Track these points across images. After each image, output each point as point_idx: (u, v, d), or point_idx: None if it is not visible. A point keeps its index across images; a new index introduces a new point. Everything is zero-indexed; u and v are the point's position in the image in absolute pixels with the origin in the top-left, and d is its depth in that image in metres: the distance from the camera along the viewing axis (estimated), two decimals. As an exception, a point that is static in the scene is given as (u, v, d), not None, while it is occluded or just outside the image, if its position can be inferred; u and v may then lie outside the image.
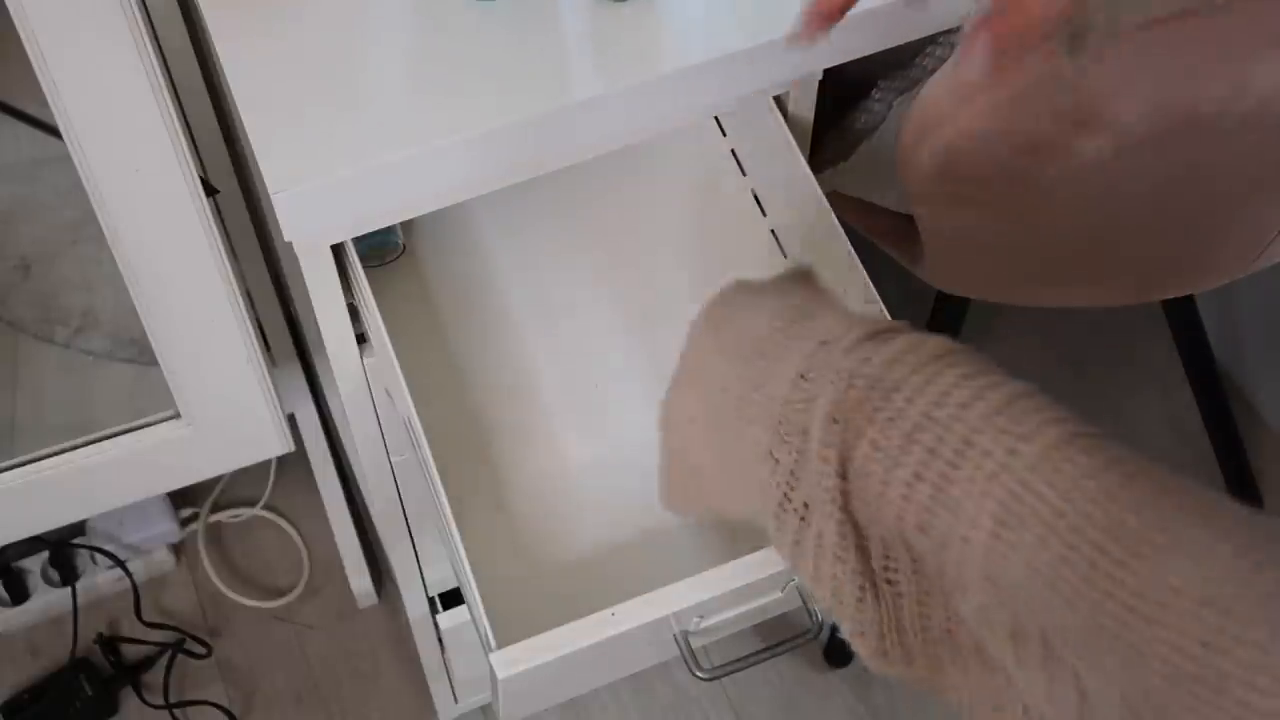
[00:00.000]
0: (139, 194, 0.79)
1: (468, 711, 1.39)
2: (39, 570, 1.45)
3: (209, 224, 0.83)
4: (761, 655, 0.86)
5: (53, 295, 1.12)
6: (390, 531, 1.09)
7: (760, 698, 1.46)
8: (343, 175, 0.75)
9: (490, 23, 0.81)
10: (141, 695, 1.43)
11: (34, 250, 1.14)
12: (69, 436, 0.97)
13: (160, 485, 1.06)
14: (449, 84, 0.79)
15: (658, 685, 1.46)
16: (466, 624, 1.12)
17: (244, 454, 1.01)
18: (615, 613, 0.77)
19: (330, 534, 1.49)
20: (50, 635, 1.47)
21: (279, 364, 1.31)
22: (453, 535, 0.79)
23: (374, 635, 1.49)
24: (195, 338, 0.90)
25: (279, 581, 1.52)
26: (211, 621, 1.50)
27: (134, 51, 0.72)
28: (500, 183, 0.82)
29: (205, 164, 1.09)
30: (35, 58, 0.71)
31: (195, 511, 1.53)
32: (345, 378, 0.90)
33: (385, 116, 0.78)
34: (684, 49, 0.81)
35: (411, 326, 0.96)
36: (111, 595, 1.48)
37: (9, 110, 1.08)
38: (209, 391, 0.94)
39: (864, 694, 1.47)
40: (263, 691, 1.46)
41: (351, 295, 0.86)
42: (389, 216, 0.82)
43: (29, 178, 1.16)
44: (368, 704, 1.45)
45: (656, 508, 0.88)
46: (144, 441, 0.97)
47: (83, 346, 1.10)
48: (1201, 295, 1.48)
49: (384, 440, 0.97)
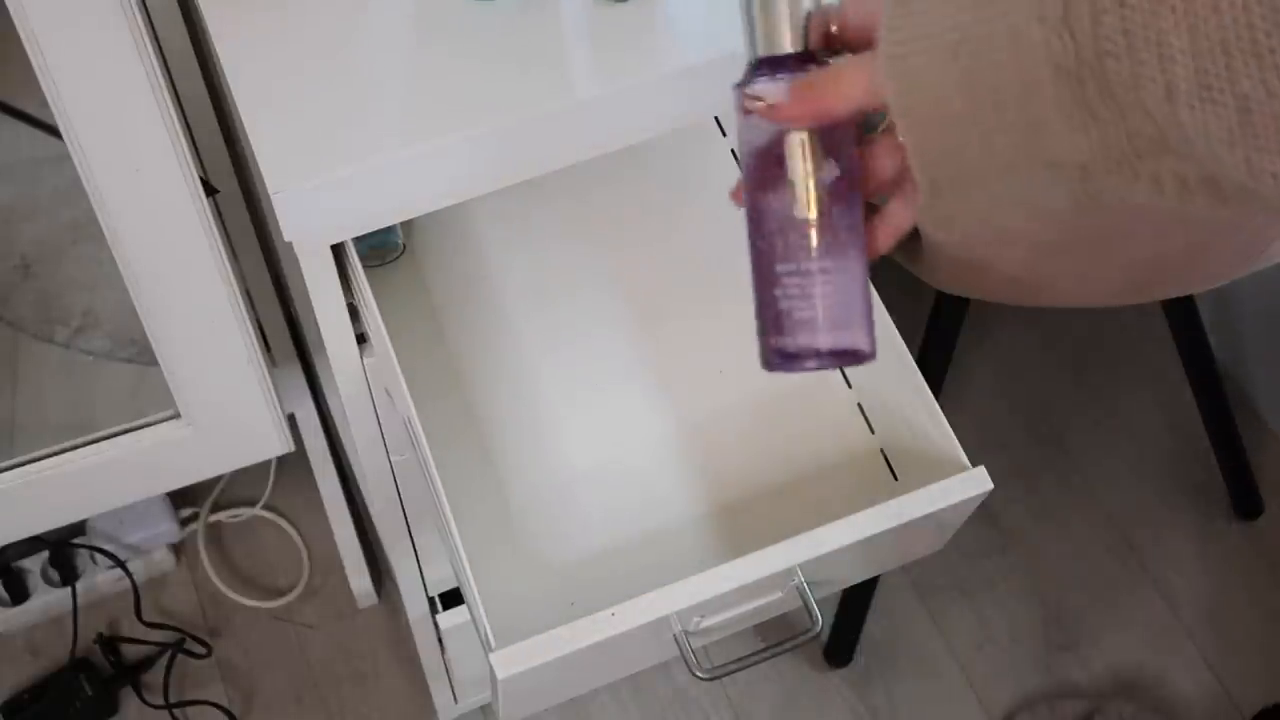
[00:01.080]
0: (139, 194, 0.79)
1: (468, 711, 1.39)
2: (39, 570, 1.45)
3: (209, 224, 0.83)
4: (761, 655, 0.86)
5: (53, 295, 1.12)
6: (390, 531, 1.09)
7: (760, 698, 1.46)
8: (343, 175, 0.75)
9: (490, 23, 0.81)
10: (141, 695, 1.43)
11: (34, 250, 1.14)
12: (69, 436, 0.97)
13: (160, 485, 1.06)
14: (449, 84, 0.79)
15: (658, 685, 1.46)
16: (466, 624, 1.12)
17: (244, 454, 1.02)
18: (615, 613, 0.77)
19: (330, 534, 1.49)
20: (50, 635, 1.47)
21: (279, 364, 1.31)
22: (453, 535, 0.79)
23: (374, 635, 1.49)
24: (195, 338, 0.90)
25: (279, 581, 1.52)
26: (211, 621, 1.50)
27: (134, 51, 0.72)
28: (500, 183, 0.82)
29: (205, 164, 1.09)
30: (35, 58, 0.71)
31: (195, 511, 1.53)
32: (345, 378, 0.90)
33: (385, 116, 0.78)
34: (684, 49, 0.81)
35: (411, 326, 0.96)
36: (111, 595, 1.49)
37: (9, 110, 1.08)
38: (209, 391, 0.94)
39: (864, 694, 1.47)
40: (263, 691, 1.46)
41: (351, 295, 0.86)
42: (389, 216, 0.82)
43: (29, 178, 1.16)
44: (368, 704, 1.45)
45: (656, 508, 0.88)
46: (144, 441, 0.97)
47: (83, 346, 1.10)
48: (1201, 295, 1.48)
49: (384, 440, 0.97)
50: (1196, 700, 1.46)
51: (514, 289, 0.99)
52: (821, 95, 0.59)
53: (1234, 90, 0.46)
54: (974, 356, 1.67)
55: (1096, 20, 0.48)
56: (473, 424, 0.93)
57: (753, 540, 0.81)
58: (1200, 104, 0.47)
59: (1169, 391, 1.62)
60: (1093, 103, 0.50)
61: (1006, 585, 1.54)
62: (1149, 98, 0.48)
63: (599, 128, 0.81)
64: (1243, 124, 0.46)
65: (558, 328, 0.97)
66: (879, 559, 0.96)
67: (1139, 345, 1.68)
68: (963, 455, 0.85)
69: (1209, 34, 0.46)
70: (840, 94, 0.58)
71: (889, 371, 0.90)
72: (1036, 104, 0.51)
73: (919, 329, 1.28)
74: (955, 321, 1.30)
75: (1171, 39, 0.46)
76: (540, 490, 0.91)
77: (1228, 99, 0.46)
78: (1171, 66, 0.47)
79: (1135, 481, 1.60)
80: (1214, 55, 0.46)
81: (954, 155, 0.55)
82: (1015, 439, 1.63)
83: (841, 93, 0.58)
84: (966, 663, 1.49)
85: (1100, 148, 0.50)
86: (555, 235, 1.01)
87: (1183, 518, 1.58)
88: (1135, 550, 1.56)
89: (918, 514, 0.82)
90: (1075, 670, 1.48)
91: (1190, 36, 0.46)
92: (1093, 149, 0.51)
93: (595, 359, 0.96)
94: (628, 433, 0.93)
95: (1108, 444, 1.62)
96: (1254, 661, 1.48)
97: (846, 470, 0.92)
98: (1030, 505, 1.58)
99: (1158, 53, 0.47)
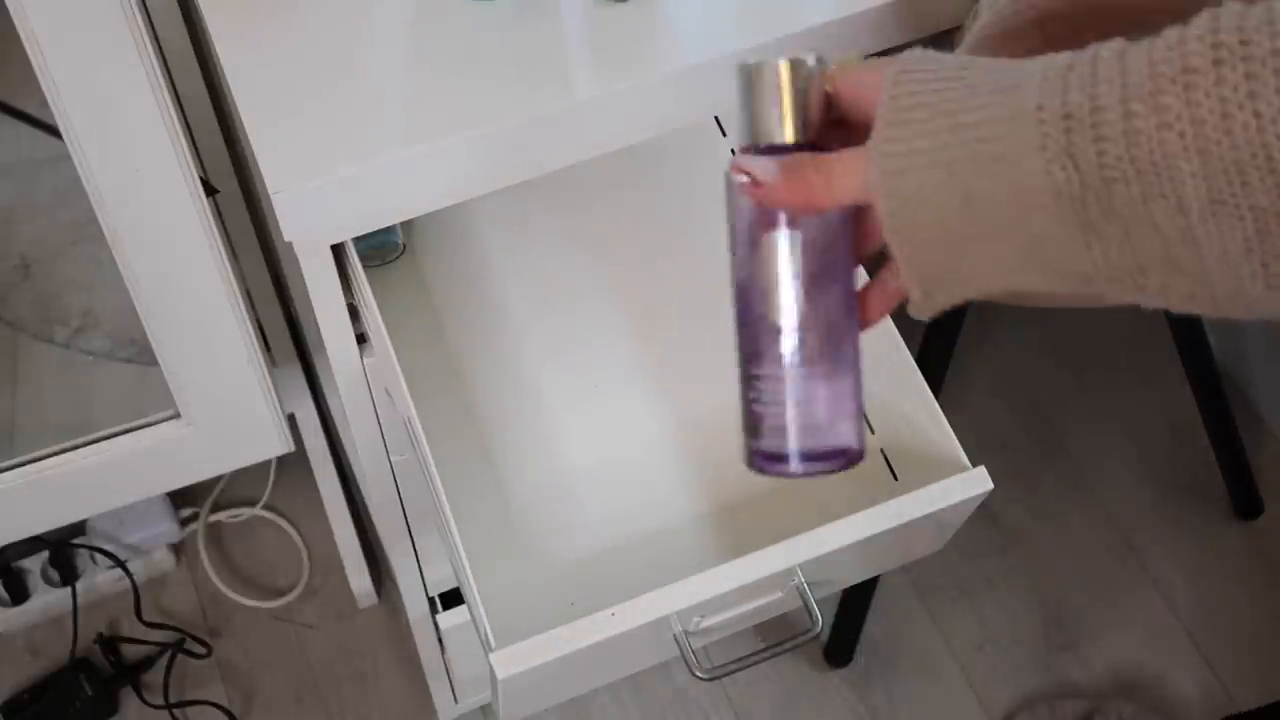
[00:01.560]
0: (139, 194, 0.79)
1: (468, 711, 1.39)
2: (39, 570, 1.45)
3: (209, 224, 0.83)
4: (761, 655, 0.86)
5: (53, 295, 1.12)
6: (390, 531, 1.09)
7: (760, 698, 1.46)
8: (343, 175, 0.75)
9: (490, 23, 0.81)
10: (141, 695, 1.43)
11: (34, 250, 1.14)
12: (69, 436, 0.97)
13: (160, 485, 1.06)
14: (449, 84, 0.79)
15: (658, 685, 1.46)
16: (466, 624, 1.12)
17: (244, 454, 1.01)
18: (615, 613, 0.77)
19: (330, 534, 1.49)
20: (50, 635, 1.47)
21: (279, 364, 1.31)
22: (453, 535, 0.79)
23: (374, 635, 1.49)
24: (195, 338, 0.90)
25: (279, 581, 1.52)
26: (211, 621, 1.50)
27: (134, 51, 0.72)
28: (500, 183, 0.82)
29: (205, 164, 1.09)
30: (35, 58, 0.71)
31: (195, 511, 1.53)
32: (345, 378, 0.90)
33: (385, 116, 0.78)
34: (684, 49, 0.81)
35: (411, 326, 0.96)
36: (111, 595, 1.49)
37: (9, 110, 1.08)
38: (209, 391, 0.94)
39: (864, 694, 1.47)
40: (263, 691, 1.46)
41: (351, 295, 0.86)
42: (389, 216, 0.82)
43: (29, 178, 1.16)
44: (368, 704, 1.45)
45: (656, 508, 0.88)
46: (144, 441, 0.97)
47: (83, 346, 1.10)
48: (1201, 295, 1.48)
49: (384, 440, 0.97)
50: (1196, 700, 1.46)
51: (514, 288, 0.99)
52: (810, 185, 0.55)
53: (1250, 204, 0.45)
54: (974, 356, 1.67)
55: (1101, 150, 0.47)
56: (473, 424, 0.93)
57: (753, 540, 0.81)
58: (1214, 218, 0.46)
59: (1169, 391, 1.62)
60: (1097, 223, 0.48)
61: (1006, 585, 1.54)
62: (1159, 212, 0.47)
63: (598, 128, 0.81)
64: (1260, 234, 0.46)
65: (557, 327, 0.97)
66: (879, 559, 0.96)
67: (1139, 345, 1.68)
68: (963, 455, 0.85)
69: (1221, 156, 0.45)
70: (831, 186, 0.55)
71: (889, 371, 0.90)
72: (1038, 222, 0.50)
73: (919, 329, 1.28)
74: (955, 321, 1.30)
75: (1181, 163, 0.46)
76: (540, 490, 0.91)
77: (1244, 212, 0.46)
78: (1182, 187, 0.46)
79: (1135, 481, 1.60)
80: (1228, 175, 0.45)
81: (949, 269, 0.54)
82: (1015, 439, 1.63)
83: (833, 185, 0.55)
84: (966, 663, 1.49)
85: (1104, 262, 0.49)
86: (555, 235, 1.01)
87: (1183, 518, 1.58)
88: (1135, 550, 1.56)
89: (918, 514, 0.82)
90: (1075, 670, 1.48)
91: (1202, 160, 0.45)
92: (1095, 264, 0.50)
93: (595, 358, 0.96)
94: (628, 432, 0.93)
95: (1108, 444, 1.62)
96: (1254, 661, 1.48)
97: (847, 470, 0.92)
98: (1030, 505, 1.58)
99: (1168, 175, 0.46)
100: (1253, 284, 0.47)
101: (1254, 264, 0.46)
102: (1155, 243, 0.48)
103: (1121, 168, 0.47)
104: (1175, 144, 0.46)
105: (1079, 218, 0.49)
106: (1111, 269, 0.49)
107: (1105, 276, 0.50)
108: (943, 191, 0.51)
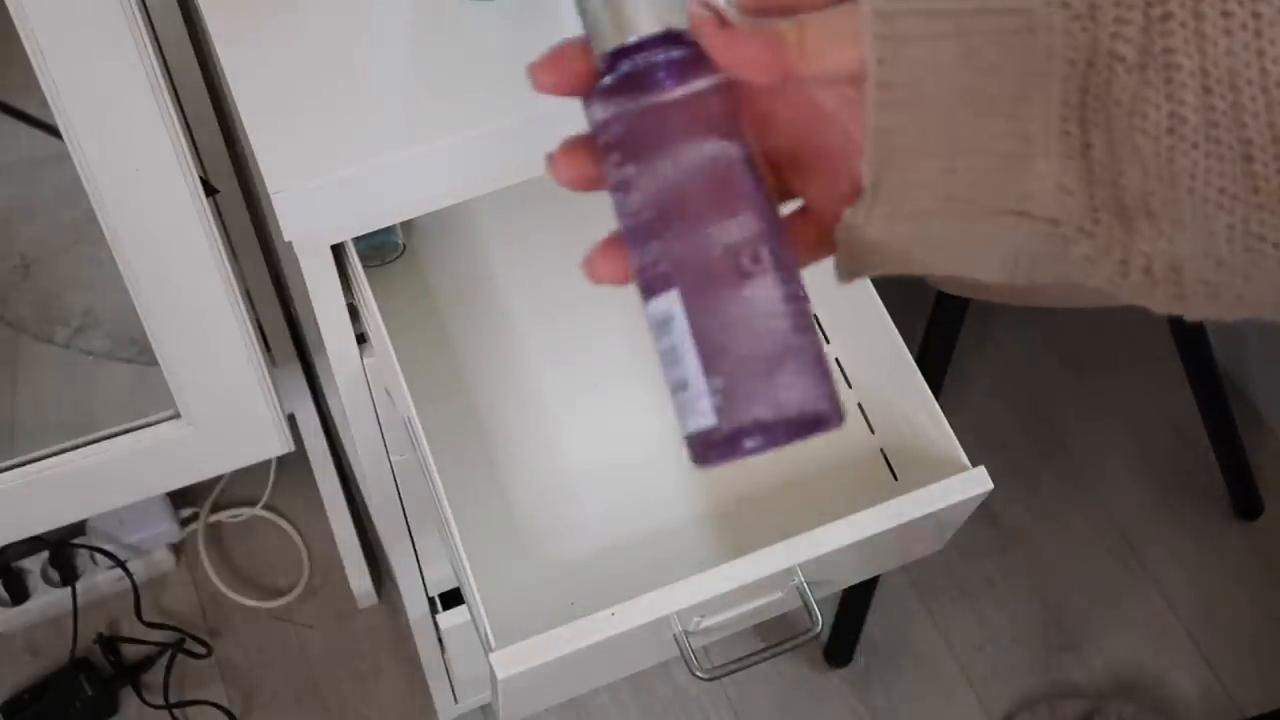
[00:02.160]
0: (139, 194, 0.79)
1: (468, 711, 1.39)
2: (39, 570, 1.45)
3: (209, 224, 0.83)
4: (761, 655, 0.86)
5: (53, 295, 1.12)
6: (390, 531, 1.09)
7: (760, 698, 1.46)
8: (343, 175, 0.75)
9: (490, 23, 0.81)
10: (141, 695, 1.43)
11: (34, 250, 1.14)
12: (69, 436, 0.97)
13: (160, 485, 1.06)
14: (449, 84, 0.79)
15: (658, 685, 1.46)
16: (466, 624, 1.12)
17: (244, 454, 1.01)
18: (615, 613, 0.77)
19: (330, 534, 1.49)
20: (50, 635, 1.47)
21: (279, 364, 1.31)
22: (453, 535, 0.79)
23: (374, 635, 1.49)
24: (195, 338, 0.90)
25: (279, 581, 1.52)
26: (211, 621, 1.50)
27: (134, 51, 0.72)
28: (500, 183, 0.82)
29: (205, 164, 1.09)
30: (35, 58, 0.71)
31: (195, 511, 1.53)
32: (345, 378, 0.90)
33: (385, 116, 0.77)
34: (684, 49, 0.81)
35: (411, 326, 0.96)
36: (111, 595, 1.49)
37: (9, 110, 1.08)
38: (209, 391, 0.94)
39: (864, 694, 1.47)
40: (263, 691, 1.46)
41: (351, 295, 0.86)
42: (389, 216, 0.82)
43: (29, 178, 1.16)
44: (368, 704, 1.45)
45: (656, 508, 0.88)
46: (144, 441, 0.97)
47: (83, 346, 1.10)
48: (1201, 295, 1.48)
49: (384, 440, 0.97)
50: (1196, 700, 1.46)
51: (514, 288, 0.99)
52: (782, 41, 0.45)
53: (1239, 133, 0.42)
54: (974, 356, 1.67)
55: (1120, 19, 0.43)
56: (473, 423, 0.93)
57: (753, 540, 0.81)
58: (1205, 142, 0.42)
59: (1169, 391, 1.62)
60: (1088, 123, 0.44)
61: (1006, 585, 1.54)
62: (1149, 128, 0.43)
63: (599, 128, 0.81)
64: (1246, 174, 0.42)
65: (558, 327, 0.97)
66: (879, 559, 0.96)
67: (1139, 345, 1.68)
68: (963, 455, 0.85)
69: (1218, 60, 0.42)
70: (805, 50, 0.45)
71: (889, 371, 0.90)
72: (1034, 107, 0.45)
73: (919, 329, 1.28)
74: (955, 321, 1.30)
75: (1181, 59, 0.42)
76: (541, 490, 0.91)
77: (1232, 141, 0.42)
78: (1181, 92, 0.42)
79: (1135, 481, 1.60)
80: (1221, 87, 0.42)
81: (914, 158, 0.46)
82: (1015, 439, 1.63)
83: (807, 48, 0.45)
84: (966, 663, 1.49)
85: (1079, 192, 0.44)
86: (555, 235, 1.01)
87: (1183, 518, 1.58)
88: (1135, 550, 1.56)
89: (918, 514, 0.82)
90: (1075, 670, 1.48)
91: (1200, 58, 0.42)
92: (1070, 194, 0.44)
93: (595, 359, 0.96)
94: (628, 432, 0.93)
95: (1108, 444, 1.62)
96: (1254, 661, 1.48)
97: (846, 470, 0.92)
98: (1030, 505, 1.58)
99: (1165, 75, 0.43)
100: (1229, 245, 0.43)
101: (1234, 217, 0.42)
102: (1135, 168, 0.44)
103: (1129, 44, 0.43)
104: (1177, 34, 0.42)
105: (1075, 107, 0.44)
106: (1084, 207, 0.44)
107: (1076, 222, 0.44)
108: (944, 48, 0.44)
